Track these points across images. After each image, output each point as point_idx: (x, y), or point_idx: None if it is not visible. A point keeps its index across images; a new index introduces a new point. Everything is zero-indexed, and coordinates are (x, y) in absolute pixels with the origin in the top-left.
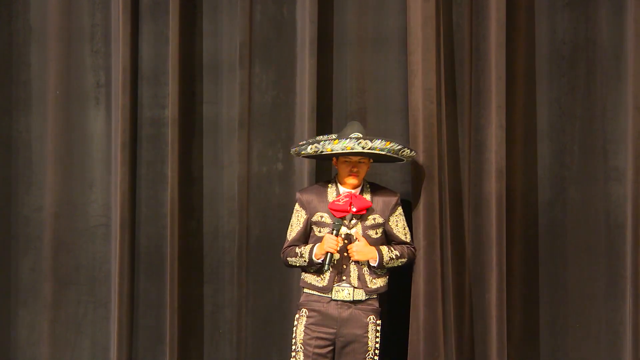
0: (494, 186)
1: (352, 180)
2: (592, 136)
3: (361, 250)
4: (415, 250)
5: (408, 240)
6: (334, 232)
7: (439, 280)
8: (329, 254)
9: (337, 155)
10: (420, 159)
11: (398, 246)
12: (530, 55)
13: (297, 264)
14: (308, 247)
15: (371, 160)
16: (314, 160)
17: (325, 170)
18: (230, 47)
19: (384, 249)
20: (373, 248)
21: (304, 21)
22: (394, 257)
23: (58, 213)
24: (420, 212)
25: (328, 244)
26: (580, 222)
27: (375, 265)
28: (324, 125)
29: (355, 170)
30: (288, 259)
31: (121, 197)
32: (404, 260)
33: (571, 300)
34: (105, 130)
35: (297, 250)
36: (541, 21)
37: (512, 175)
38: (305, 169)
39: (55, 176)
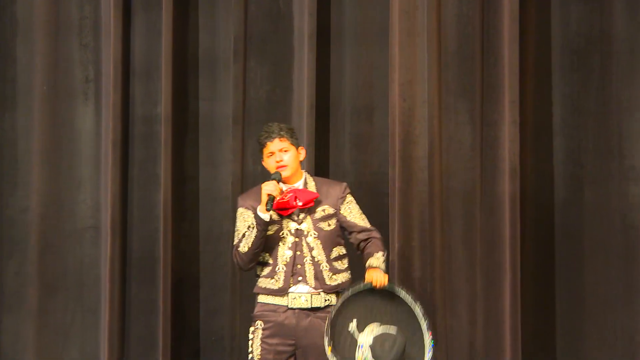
0: (507, 185)
1: (283, 173)
2: (607, 134)
3: (380, 274)
4: (378, 233)
5: (368, 225)
6: (273, 178)
7: (415, 285)
8: (269, 196)
9: (262, 155)
10: (396, 159)
11: (369, 244)
12: (542, 48)
13: (250, 243)
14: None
15: (301, 148)
16: (311, 159)
17: (324, 168)
18: (225, 41)
19: (375, 260)
20: (376, 268)
21: (302, 14)
22: (382, 257)
23: (45, 214)
24: (395, 215)
25: (267, 187)
26: (595, 223)
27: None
28: (323, 122)
29: (279, 161)
30: (239, 249)
31: (111, 198)
32: (384, 252)
33: (587, 305)
34: (94, 127)
35: (245, 232)
36: (554, 13)
37: (524, 175)
38: (303, 166)
39: (42, 176)
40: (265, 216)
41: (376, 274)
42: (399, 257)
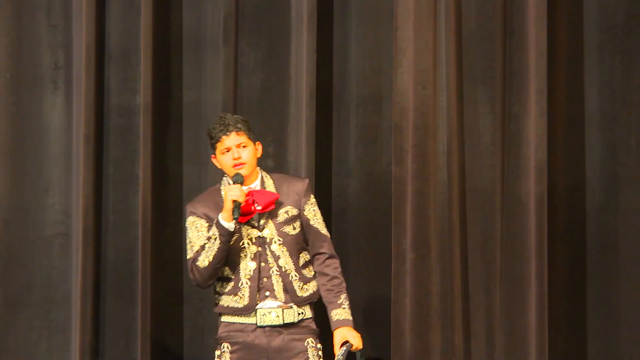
0: (532, 187)
1: (240, 172)
2: None
3: (354, 334)
4: (334, 253)
5: (328, 235)
6: (236, 182)
7: (434, 301)
8: (235, 202)
9: (214, 150)
10: (409, 156)
11: (330, 277)
12: (576, 28)
13: (211, 257)
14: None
15: (258, 144)
16: (312, 155)
17: (326, 167)
18: (213, 20)
19: (342, 311)
20: (347, 327)
21: None
22: (346, 302)
23: (8, 220)
24: (406, 220)
25: (231, 192)
26: (635, 230)
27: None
28: (325, 113)
29: (237, 158)
30: (198, 264)
31: (83, 201)
32: (346, 292)
33: (623, 324)
34: (64, 120)
35: (204, 244)
36: None
37: (554, 174)
38: (302, 164)
39: (5, 176)
40: (230, 225)
41: (354, 337)
42: (414, 268)
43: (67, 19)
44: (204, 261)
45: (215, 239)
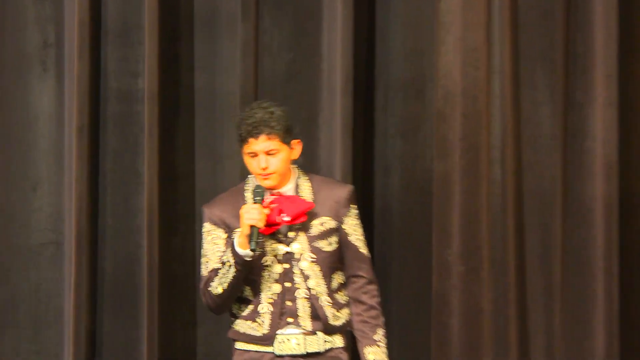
0: (600, 187)
1: (266, 183)
2: None
3: None
4: (374, 277)
5: (369, 254)
6: (255, 200)
7: (486, 322)
8: (253, 228)
9: (240, 145)
10: (457, 149)
11: (364, 310)
12: None
13: (226, 285)
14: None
15: (297, 143)
16: (348, 150)
17: (365, 164)
18: None
19: (378, 350)
20: None
21: None
22: (384, 340)
23: None
24: (452, 225)
25: (249, 215)
26: None
27: None
28: (364, 100)
29: (265, 168)
30: (211, 290)
31: (77, 202)
32: (384, 327)
33: None
34: (55, 108)
35: (218, 268)
36: None
37: (627, 173)
38: (336, 161)
39: None
40: (247, 253)
41: None
42: (462, 283)
43: None
44: (217, 288)
45: (230, 266)
